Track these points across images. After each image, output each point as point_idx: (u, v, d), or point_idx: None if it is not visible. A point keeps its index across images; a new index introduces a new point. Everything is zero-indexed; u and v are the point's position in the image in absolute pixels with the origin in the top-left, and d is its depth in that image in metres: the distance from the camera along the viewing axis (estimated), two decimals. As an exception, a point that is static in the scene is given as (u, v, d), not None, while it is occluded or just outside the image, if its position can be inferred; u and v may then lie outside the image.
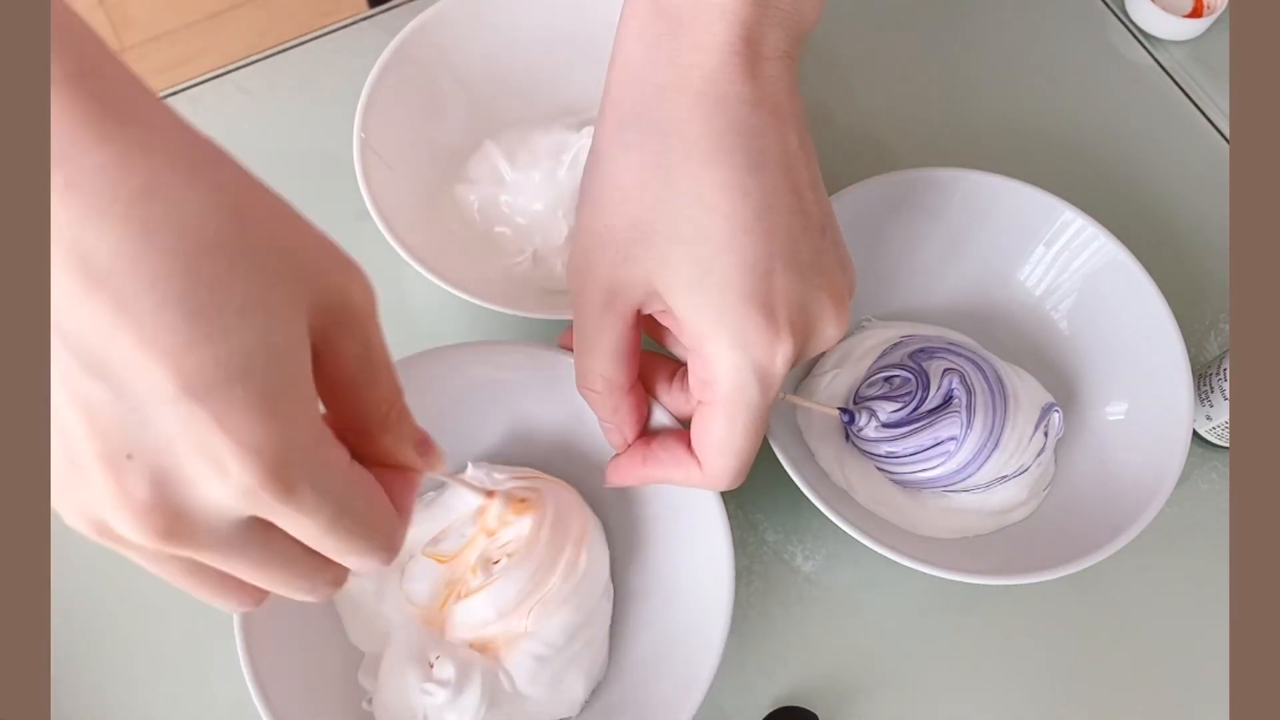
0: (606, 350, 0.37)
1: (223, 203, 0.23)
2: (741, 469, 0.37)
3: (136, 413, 0.22)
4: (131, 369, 0.22)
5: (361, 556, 0.27)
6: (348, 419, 0.28)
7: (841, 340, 0.49)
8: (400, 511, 0.28)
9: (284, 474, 0.23)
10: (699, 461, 0.37)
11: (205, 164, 0.24)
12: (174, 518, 0.23)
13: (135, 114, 0.23)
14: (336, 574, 0.28)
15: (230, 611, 0.28)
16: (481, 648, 0.41)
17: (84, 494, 0.23)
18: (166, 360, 0.22)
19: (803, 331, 0.34)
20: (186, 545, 0.24)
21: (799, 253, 0.34)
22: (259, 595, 0.27)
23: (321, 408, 0.27)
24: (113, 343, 0.21)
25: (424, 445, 0.30)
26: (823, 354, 0.49)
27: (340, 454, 0.26)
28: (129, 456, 0.22)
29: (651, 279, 0.34)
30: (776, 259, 0.33)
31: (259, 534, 0.25)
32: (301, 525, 0.25)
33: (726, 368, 0.34)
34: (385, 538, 0.27)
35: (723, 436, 0.35)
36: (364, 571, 0.28)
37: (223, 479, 0.23)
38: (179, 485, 0.23)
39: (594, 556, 0.42)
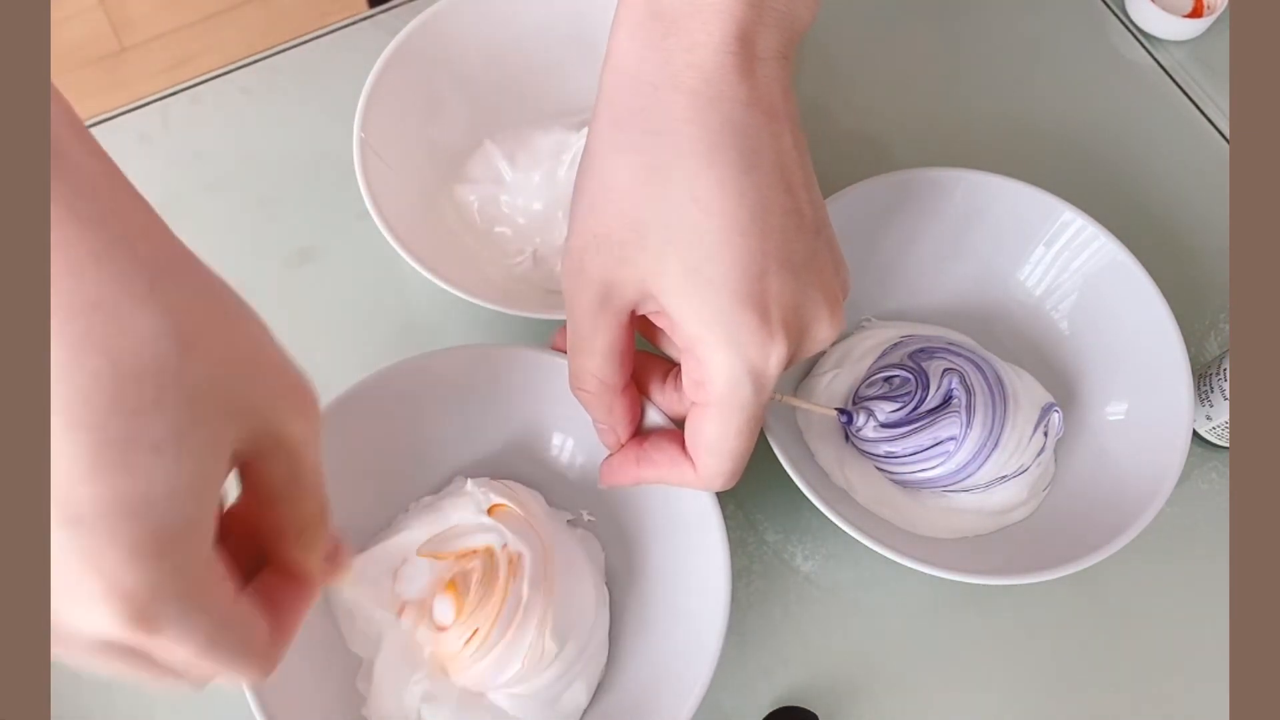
0: (600, 351, 0.36)
1: (170, 327, 0.22)
2: (735, 470, 0.37)
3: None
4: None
5: (230, 676, 0.26)
6: (264, 521, 0.28)
7: (841, 340, 0.49)
8: (284, 626, 0.28)
9: (149, 618, 0.22)
10: (693, 462, 0.37)
11: (164, 277, 0.23)
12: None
13: (100, 212, 0.22)
14: (210, 677, 0.27)
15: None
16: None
17: None
18: (58, 486, 0.21)
19: (797, 333, 0.34)
20: (63, 654, 0.23)
21: (793, 254, 0.34)
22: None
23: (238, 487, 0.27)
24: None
25: (333, 556, 0.29)
26: (822, 354, 0.49)
27: (222, 591, 0.25)
28: None
29: (645, 280, 0.34)
30: (770, 260, 0.33)
31: (129, 651, 0.24)
32: (165, 656, 0.24)
33: (720, 369, 0.34)
34: (257, 665, 0.27)
35: (716, 437, 0.35)
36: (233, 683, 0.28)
37: (87, 612, 0.22)
38: (54, 605, 0.22)
39: (573, 604, 0.41)
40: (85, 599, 0.22)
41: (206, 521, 0.24)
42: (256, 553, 0.28)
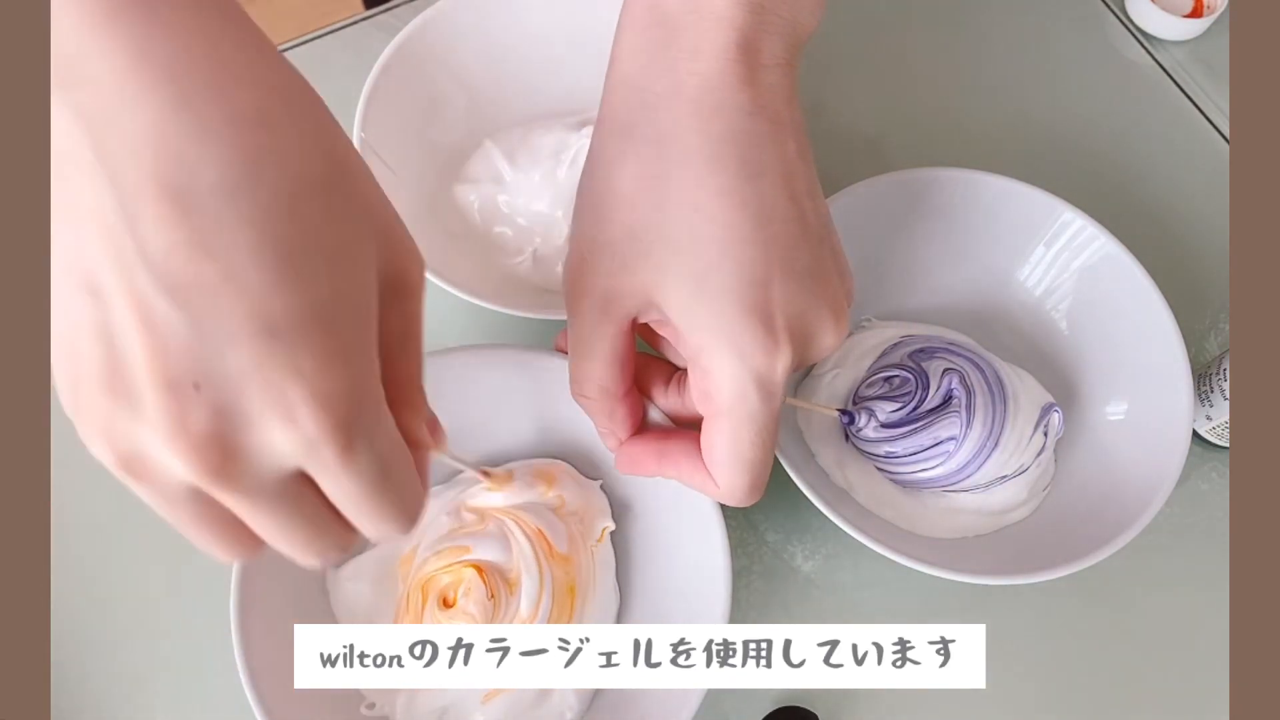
0: (602, 358, 0.36)
1: (324, 144, 0.23)
2: (755, 482, 0.36)
3: (211, 344, 0.21)
4: (215, 300, 0.21)
5: (388, 525, 0.27)
6: None
7: (840, 341, 0.49)
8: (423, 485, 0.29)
9: (348, 429, 0.23)
10: (712, 477, 0.37)
11: (308, 100, 0.23)
12: (228, 456, 0.22)
13: (247, 37, 0.22)
14: (349, 540, 0.27)
15: (223, 560, 0.27)
16: None
17: (122, 419, 0.22)
18: (253, 297, 0.21)
19: (801, 341, 0.34)
20: (228, 487, 0.23)
21: (797, 261, 0.34)
22: (260, 548, 0.27)
23: None
24: (198, 271, 0.21)
25: (434, 425, 0.30)
26: (822, 354, 0.49)
27: (391, 420, 0.26)
28: (195, 386, 0.22)
29: (649, 289, 0.34)
30: (774, 268, 0.33)
31: (296, 490, 0.24)
32: (345, 486, 0.25)
33: (726, 379, 0.33)
34: (413, 508, 0.28)
35: (730, 450, 0.35)
36: (380, 541, 0.28)
37: (288, 424, 0.22)
38: (241, 424, 0.22)
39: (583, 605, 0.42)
40: (287, 410, 0.22)
41: (375, 338, 0.25)
42: None
